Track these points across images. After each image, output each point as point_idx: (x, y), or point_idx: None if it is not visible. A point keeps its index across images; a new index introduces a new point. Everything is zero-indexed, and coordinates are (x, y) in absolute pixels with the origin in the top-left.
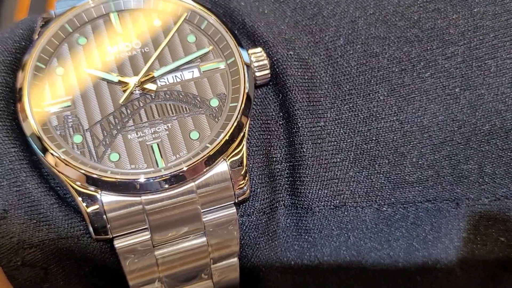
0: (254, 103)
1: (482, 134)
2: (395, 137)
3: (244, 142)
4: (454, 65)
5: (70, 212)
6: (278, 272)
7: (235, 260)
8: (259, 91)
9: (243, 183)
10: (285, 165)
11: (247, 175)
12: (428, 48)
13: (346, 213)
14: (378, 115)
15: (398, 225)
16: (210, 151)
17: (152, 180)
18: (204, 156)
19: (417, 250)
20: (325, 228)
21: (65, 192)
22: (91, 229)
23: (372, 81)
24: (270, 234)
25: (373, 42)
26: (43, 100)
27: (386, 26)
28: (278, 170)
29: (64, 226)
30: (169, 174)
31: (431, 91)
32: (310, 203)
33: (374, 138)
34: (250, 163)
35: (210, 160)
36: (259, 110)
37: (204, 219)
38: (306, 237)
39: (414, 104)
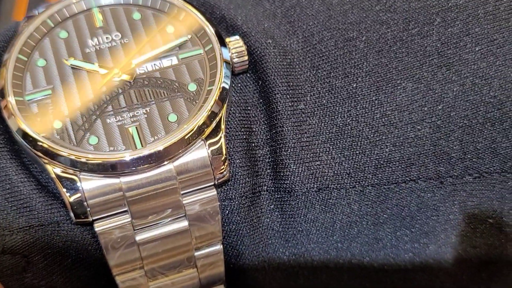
0: (233, 89)
1: (461, 109)
2: (375, 117)
3: (223, 127)
4: (430, 43)
5: (50, 198)
6: (265, 261)
7: (218, 247)
8: (238, 79)
9: (223, 168)
10: (267, 149)
11: (227, 160)
12: (404, 28)
13: (330, 196)
14: (357, 96)
15: (383, 207)
16: (188, 131)
17: (130, 159)
18: (181, 136)
19: (405, 234)
20: (310, 212)
21: (46, 179)
22: (72, 214)
23: (350, 63)
24: (253, 219)
25: (350, 28)
26: (24, 90)
27: (363, 11)
28: (259, 154)
29: (45, 212)
30: (147, 153)
31: (408, 70)
32: (293, 186)
33: (354, 119)
34: (231, 149)
35: (188, 140)
36: (239, 97)
37: (184, 201)
38: (291, 222)
39: (392, 83)
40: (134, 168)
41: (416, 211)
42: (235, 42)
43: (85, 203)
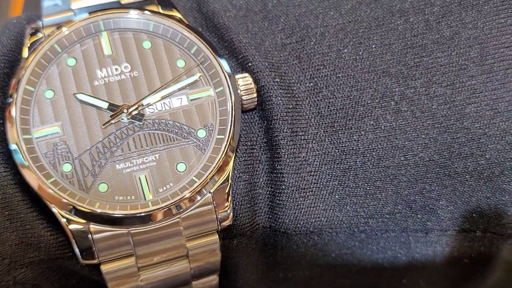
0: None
1: (454, 174)
2: (373, 171)
3: (230, 181)
4: (436, 106)
5: (60, 235)
6: None
7: (214, 277)
8: (245, 115)
9: (228, 219)
10: (267, 190)
11: (231, 210)
12: (411, 86)
13: (321, 237)
14: (358, 150)
15: (369, 247)
16: (197, 186)
17: (139, 215)
18: (191, 191)
19: (386, 270)
20: (300, 248)
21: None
22: (80, 258)
23: (356, 115)
24: (248, 252)
25: (358, 75)
26: (32, 126)
27: (372, 59)
28: (259, 194)
29: (55, 249)
30: (156, 210)
31: (411, 131)
32: (287, 228)
33: (353, 172)
34: (234, 191)
35: (197, 195)
36: (245, 134)
37: (187, 245)
38: (282, 259)
39: (393, 142)
40: (143, 223)
41: (399, 249)
42: (245, 80)
43: (94, 249)
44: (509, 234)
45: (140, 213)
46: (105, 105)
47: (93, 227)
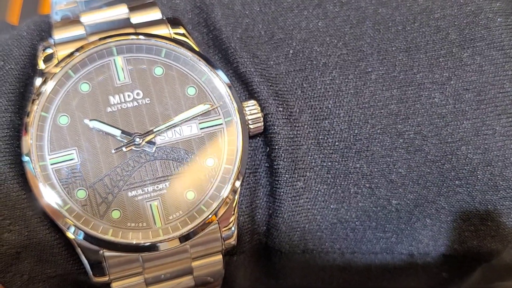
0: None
1: (441, 209)
2: (365, 201)
3: (236, 209)
4: (430, 145)
5: (75, 253)
6: None
7: None
8: (250, 140)
9: (233, 241)
10: (265, 211)
11: (236, 231)
12: (408, 124)
13: (312, 256)
14: (353, 181)
15: (357, 265)
16: (207, 217)
17: (150, 244)
18: (200, 222)
19: (371, 281)
20: (292, 262)
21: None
22: (92, 278)
23: (353, 149)
24: (245, 265)
25: (357, 110)
26: (47, 152)
27: (372, 95)
28: (259, 214)
29: (71, 265)
30: (167, 239)
31: (404, 167)
32: (281, 247)
33: (346, 200)
34: (238, 213)
35: (204, 226)
36: (249, 158)
37: (192, 264)
38: (272, 270)
39: (386, 176)
40: (153, 250)
41: (383, 270)
42: (252, 108)
43: (106, 269)
44: (486, 259)
45: (152, 242)
46: (118, 132)
47: (106, 252)
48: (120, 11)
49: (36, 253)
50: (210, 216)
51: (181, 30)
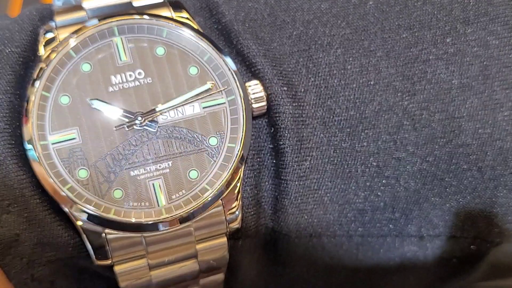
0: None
1: (450, 186)
2: (372, 181)
3: (240, 189)
4: (437, 121)
5: (77, 236)
6: None
7: (221, 275)
8: (254, 121)
9: (237, 223)
10: (271, 193)
11: (241, 214)
12: (414, 100)
13: (320, 240)
14: (359, 160)
15: (364, 249)
16: (210, 195)
17: (153, 223)
18: (204, 200)
19: (378, 269)
20: (299, 248)
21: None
22: (94, 258)
23: (359, 127)
24: (251, 251)
25: (363, 88)
26: (48, 131)
27: (377, 72)
28: (264, 197)
29: (71, 249)
30: (170, 218)
31: (411, 144)
32: (288, 231)
33: (354, 180)
34: (242, 194)
35: (208, 204)
36: (253, 139)
37: (197, 247)
38: (279, 256)
39: (393, 154)
40: (156, 229)
41: (397, 257)
42: (255, 88)
43: (108, 252)
44: (497, 242)
45: (154, 220)
46: (119, 112)
47: (108, 231)
48: None
49: (36, 234)
50: (213, 195)
51: (184, 14)
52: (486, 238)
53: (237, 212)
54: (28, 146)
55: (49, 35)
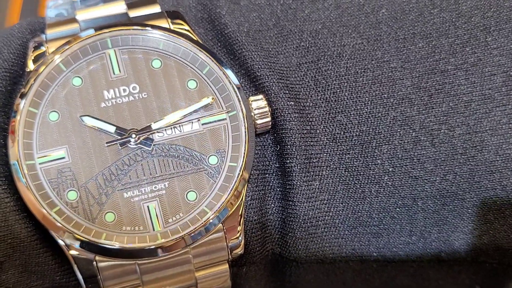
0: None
1: (472, 207)
2: (388, 201)
3: (243, 211)
4: (457, 136)
5: (65, 263)
6: None
7: None
8: (258, 138)
9: (239, 249)
10: (277, 216)
11: (242, 229)
12: (432, 114)
13: (332, 266)
14: (373, 179)
15: (380, 275)
16: (209, 218)
17: (147, 248)
18: (202, 224)
19: None
20: (309, 274)
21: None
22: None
23: (372, 143)
24: (256, 279)
25: (376, 101)
26: (35, 150)
27: (392, 84)
28: (270, 221)
29: (59, 277)
30: (166, 243)
31: (430, 162)
32: (297, 257)
33: (367, 201)
34: (245, 218)
35: (207, 228)
36: (257, 158)
37: (196, 275)
38: (288, 284)
39: (410, 172)
40: (151, 255)
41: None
42: (259, 103)
43: (100, 281)
44: None
45: (149, 246)
46: (112, 129)
47: (99, 258)
48: (118, 8)
49: (21, 262)
50: (213, 217)
51: (184, 26)
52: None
53: (240, 237)
54: (13, 167)
55: (39, 50)
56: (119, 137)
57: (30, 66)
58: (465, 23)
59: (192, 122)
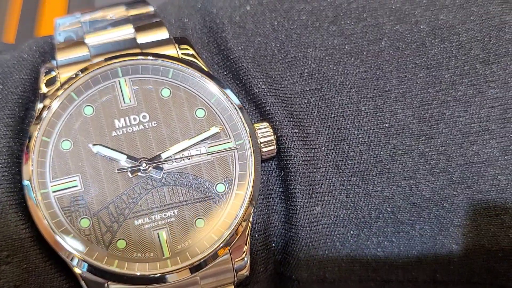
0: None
1: (468, 233)
2: (387, 226)
3: (249, 238)
4: (455, 166)
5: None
6: None
7: None
8: (263, 164)
9: (245, 271)
10: (280, 239)
11: (248, 252)
12: (431, 144)
13: (330, 285)
14: (373, 205)
15: None
16: (217, 245)
17: (158, 276)
18: (211, 252)
19: None
20: None
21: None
22: None
23: (373, 171)
24: None
25: (377, 130)
26: (49, 179)
27: (392, 113)
28: (273, 242)
29: None
30: (176, 270)
31: (428, 190)
32: (299, 277)
33: (367, 225)
34: (251, 241)
35: (215, 255)
36: (262, 183)
37: None
38: None
39: (409, 199)
40: (161, 282)
41: None
42: (265, 130)
43: None
44: None
45: (160, 273)
46: (123, 158)
47: (111, 283)
48: (126, 32)
49: (35, 286)
50: (221, 245)
51: (190, 51)
52: (503, 284)
53: (245, 259)
54: (28, 195)
55: (50, 74)
56: (130, 166)
57: (43, 89)
58: (465, 54)
59: (201, 150)
